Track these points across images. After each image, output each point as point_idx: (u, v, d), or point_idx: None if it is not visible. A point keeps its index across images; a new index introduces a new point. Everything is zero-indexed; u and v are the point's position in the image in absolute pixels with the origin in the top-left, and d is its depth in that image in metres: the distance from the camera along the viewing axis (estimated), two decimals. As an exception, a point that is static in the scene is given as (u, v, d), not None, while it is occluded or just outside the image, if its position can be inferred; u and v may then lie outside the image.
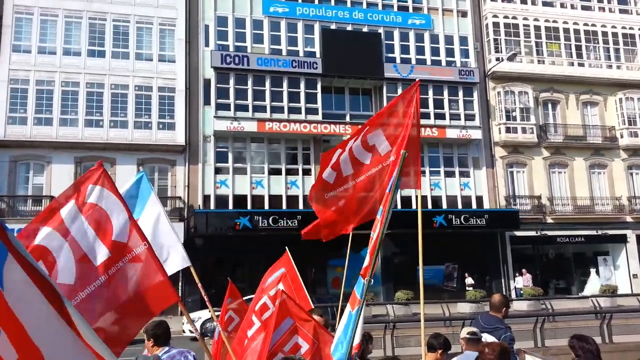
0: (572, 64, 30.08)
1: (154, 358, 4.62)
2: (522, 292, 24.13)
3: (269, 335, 4.47)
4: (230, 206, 24.82)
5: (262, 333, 5.29)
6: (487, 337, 5.10)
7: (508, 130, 28.45)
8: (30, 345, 2.21)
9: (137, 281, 4.09)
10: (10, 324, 2.19)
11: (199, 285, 5.45)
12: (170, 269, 4.91)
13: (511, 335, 5.29)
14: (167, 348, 4.73)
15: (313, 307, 6.46)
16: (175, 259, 5.10)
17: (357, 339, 4.68)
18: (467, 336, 4.97)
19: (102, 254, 3.98)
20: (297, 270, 6.69)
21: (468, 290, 24.28)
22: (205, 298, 5.52)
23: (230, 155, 25.45)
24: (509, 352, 4.13)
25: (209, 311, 5.62)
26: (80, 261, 3.87)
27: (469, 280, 24.94)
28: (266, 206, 25.22)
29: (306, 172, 26.12)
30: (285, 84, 25.64)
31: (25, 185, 23.39)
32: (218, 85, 24.88)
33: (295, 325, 4.52)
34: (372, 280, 3.72)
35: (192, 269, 5.22)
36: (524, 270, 25.89)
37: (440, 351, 4.86)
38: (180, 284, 22.33)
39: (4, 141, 22.79)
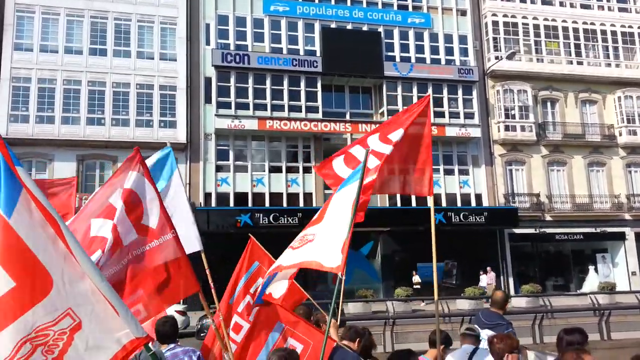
0: (571, 63, 30.17)
1: (157, 354, 4.60)
2: (486, 290, 23.72)
3: (260, 345, 4.57)
4: (231, 204, 24.96)
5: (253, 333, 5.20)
6: (488, 333, 5.24)
7: (507, 128, 28.57)
8: (40, 269, 2.45)
9: (160, 267, 4.17)
10: (12, 253, 2.40)
11: (208, 272, 5.15)
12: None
13: (513, 331, 5.38)
14: (172, 345, 4.52)
15: (317, 304, 6.14)
16: (188, 241, 4.91)
17: None
18: (464, 332, 5.14)
19: (131, 236, 4.09)
20: (272, 258, 6.00)
21: (417, 288, 24.02)
22: (212, 285, 5.09)
23: (231, 153, 25.58)
24: (517, 343, 4.27)
25: (215, 303, 5.44)
26: (114, 244, 3.98)
27: (416, 278, 24.57)
28: (267, 204, 25.35)
29: (306, 170, 26.24)
30: (285, 83, 25.75)
31: (28, 183, 23.47)
32: (219, 83, 24.99)
33: (287, 328, 4.57)
34: (344, 277, 3.84)
35: (202, 255, 5.09)
36: (488, 269, 25.52)
37: (442, 347, 5.01)
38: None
39: (6, 139, 22.35)
